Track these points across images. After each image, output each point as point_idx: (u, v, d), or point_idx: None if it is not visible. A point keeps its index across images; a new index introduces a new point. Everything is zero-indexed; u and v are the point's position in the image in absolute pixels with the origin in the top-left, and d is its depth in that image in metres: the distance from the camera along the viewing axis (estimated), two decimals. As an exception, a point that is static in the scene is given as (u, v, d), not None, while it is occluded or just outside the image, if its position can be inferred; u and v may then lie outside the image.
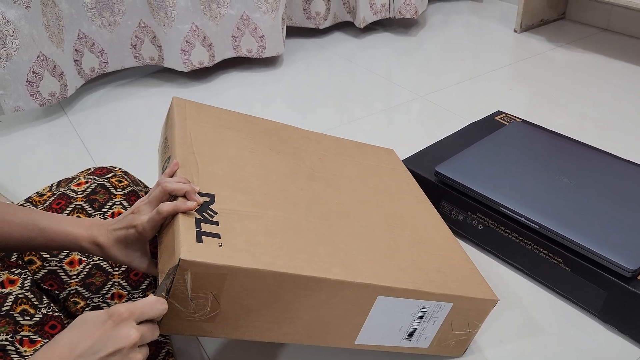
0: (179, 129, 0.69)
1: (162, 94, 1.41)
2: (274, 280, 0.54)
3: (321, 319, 0.59)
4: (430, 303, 0.63)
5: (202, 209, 0.56)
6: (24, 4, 1.14)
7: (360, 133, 1.21)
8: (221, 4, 1.39)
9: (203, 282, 0.51)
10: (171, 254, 0.51)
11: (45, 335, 0.53)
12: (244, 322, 0.55)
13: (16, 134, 1.27)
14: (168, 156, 0.67)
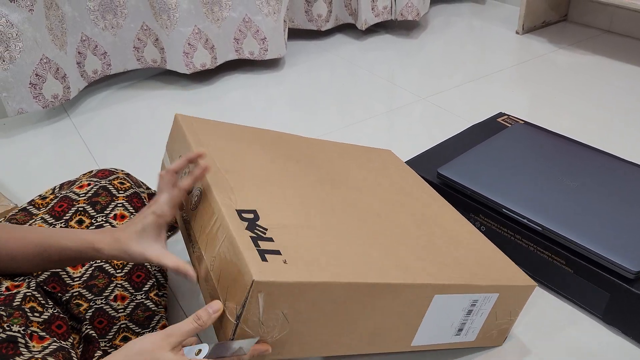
0: (196, 146, 0.66)
1: (165, 97, 1.42)
2: (343, 291, 0.53)
3: (381, 325, 0.59)
4: (479, 296, 0.64)
5: (252, 227, 0.55)
6: (27, 7, 1.15)
7: (362, 135, 1.21)
8: (223, 6, 1.40)
9: (275, 302, 0.49)
10: (236, 277, 0.49)
11: (52, 334, 0.53)
12: (310, 338, 0.54)
13: (19, 136, 1.27)
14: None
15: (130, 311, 0.68)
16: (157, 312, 0.70)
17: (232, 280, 0.50)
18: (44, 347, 0.50)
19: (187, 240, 0.62)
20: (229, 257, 0.51)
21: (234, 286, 0.49)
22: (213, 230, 0.55)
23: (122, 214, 0.72)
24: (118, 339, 0.65)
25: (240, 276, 0.49)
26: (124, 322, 0.67)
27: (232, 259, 0.51)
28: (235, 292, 0.49)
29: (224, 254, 0.52)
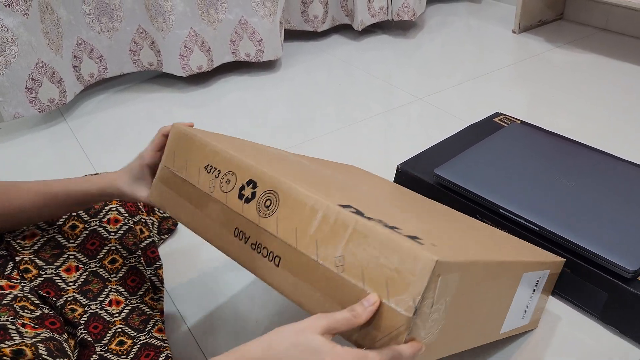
0: (225, 148, 0.61)
1: (161, 99, 1.42)
2: (485, 272, 0.52)
3: (490, 312, 0.57)
4: (540, 273, 0.66)
5: (369, 219, 0.51)
6: (22, 11, 1.15)
7: (360, 136, 1.21)
8: (219, 9, 1.39)
9: (446, 288, 0.46)
10: (398, 268, 0.45)
11: (46, 329, 0.53)
12: (452, 334, 0.51)
13: (16, 141, 1.27)
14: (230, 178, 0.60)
15: (126, 315, 0.68)
16: (152, 316, 0.70)
17: (392, 272, 0.45)
18: (37, 334, 0.49)
19: (251, 253, 0.55)
20: (371, 251, 0.46)
21: (397, 278, 0.45)
22: (324, 228, 0.50)
23: (116, 218, 0.72)
24: (114, 343, 0.65)
25: (405, 265, 0.44)
26: (120, 326, 0.66)
27: (379, 251, 0.46)
28: (401, 284, 0.44)
29: (359, 248, 0.47)
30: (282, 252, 0.52)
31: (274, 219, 0.54)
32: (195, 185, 0.60)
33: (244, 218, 0.56)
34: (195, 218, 0.60)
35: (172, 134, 0.64)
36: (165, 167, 0.64)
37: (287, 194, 0.54)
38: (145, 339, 0.66)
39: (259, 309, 0.79)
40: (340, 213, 0.50)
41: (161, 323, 0.70)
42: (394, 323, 0.44)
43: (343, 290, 0.47)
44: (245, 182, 0.57)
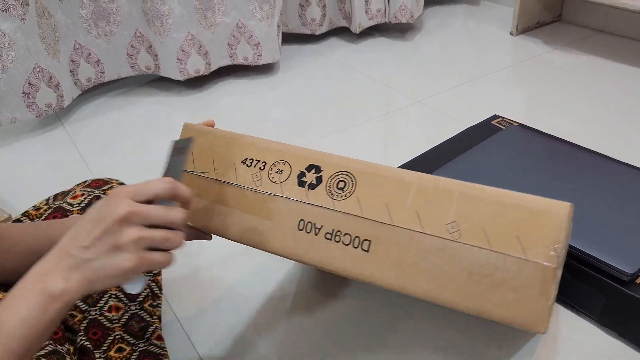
0: (259, 140, 0.57)
1: (159, 103, 1.41)
2: None
3: None
4: None
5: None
6: (19, 16, 1.15)
7: (358, 138, 1.21)
8: (216, 12, 1.39)
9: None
10: (530, 221, 0.43)
11: (49, 339, 0.52)
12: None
13: (13, 146, 1.27)
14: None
15: (125, 322, 0.68)
16: (151, 323, 0.70)
17: (521, 226, 0.43)
18: (41, 347, 0.49)
19: (326, 245, 0.49)
20: (490, 210, 0.44)
21: (530, 232, 0.43)
22: (422, 198, 0.46)
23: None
24: (113, 350, 0.65)
25: (537, 217, 0.43)
26: (119, 332, 0.66)
27: (498, 209, 0.44)
28: (536, 236, 0.43)
29: (473, 210, 0.45)
30: (373, 234, 0.47)
31: (353, 199, 0.49)
32: (231, 183, 0.54)
33: (311, 206, 0.50)
34: (236, 221, 0.53)
35: (187, 134, 0.58)
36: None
37: (362, 172, 0.49)
38: (144, 346, 0.66)
39: (258, 315, 0.79)
40: (440, 180, 0.47)
41: (160, 330, 0.70)
42: (537, 277, 0.42)
43: (463, 257, 0.44)
44: (304, 168, 0.52)
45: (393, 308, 0.78)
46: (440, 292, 0.45)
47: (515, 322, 0.43)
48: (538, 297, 0.42)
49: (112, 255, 0.41)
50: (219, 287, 0.84)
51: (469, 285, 0.44)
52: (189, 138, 0.53)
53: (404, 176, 0.48)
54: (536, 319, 0.42)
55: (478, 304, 0.44)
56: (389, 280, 0.46)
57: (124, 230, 0.41)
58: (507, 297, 0.43)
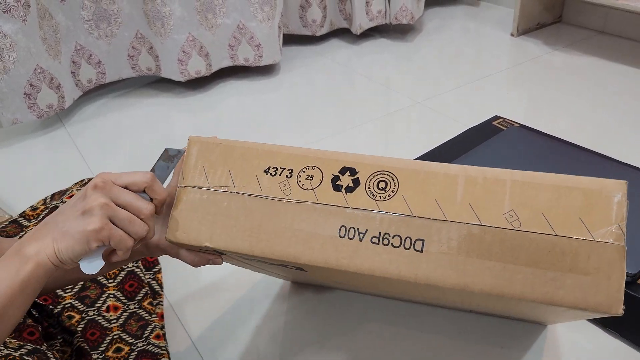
0: (279, 147, 0.53)
1: (160, 104, 1.42)
2: None
3: None
4: None
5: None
6: (20, 17, 1.15)
7: (359, 140, 1.21)
8: (217, 13, 1.40)
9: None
10: (588, 203, 0.43)
11: (24, 340, 0.52)
12: None
13: (14, 147, 1.27)
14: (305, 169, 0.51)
15: (123, 321, 0.68)
16: (150, 322, 0.70)
17: (581, 208, 0.42)
18: (20, 346, 0.49)
19: (374, 249, 0.46)
20: (546, 195, 0.44)
21: (591, 212, 0.42)
22: (473, 190, 0.45)
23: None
24: (111, 350, 0.64)
25: (594, 197, 0.42)
26: (117, 332, 0.66)
27: (554, 193, 0.43)
28: (599, 216, 0.42)
29: (529, 197, 0.44)
30: (425, 232, 0.45)
31: (398, 198, 0.46)
32: (256, 195, 0.49)
33: (352, 210, 0.47)
34: (264, 237, 0.49)
35: (195, 147, 0.53)
36: (192, 187, 0.52)
37: (403, 169, 0.47)
38: (142, 346, 0.66)
39: (259, 313, 0.79)
40: (486, 170, 0.46)
41: (159, 329, 0.70)
42: (607, 257, 0.41)
43: (527, 246, 0.43)
44: (337, 172, 0.49)
45: (395, 307, 0.78)
46: (507, 286, 0.43)
47: (590, 307, 0.42)
48: (611, 278, 0.41)
49: (80, 218, 0.43)
50: (220, 285, 0.84)
51: (538, 274, 0.42)
52: (181, 149, 0.53)
53: (448, 169, 0.46)
54: (612, 301, 0.41)
55: (550, 293, 0.42)
56: (449, 280, 0.44)
57: (94, 195, 0.44)
58: (579, 281, 0.42)
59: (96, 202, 0.43)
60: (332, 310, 0.78)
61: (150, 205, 0.46)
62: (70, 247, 0.42)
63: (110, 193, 0.44)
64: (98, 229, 0.42)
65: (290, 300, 0.81)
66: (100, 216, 0.43)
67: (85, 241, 0.42)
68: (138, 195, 0.46)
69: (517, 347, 0.72)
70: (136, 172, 0.47)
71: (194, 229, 0.50)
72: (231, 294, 0.82)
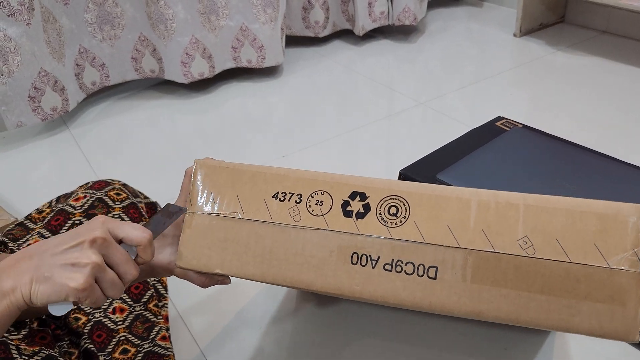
0: (287, 171, 0.51)
1: (163, 106, 1.42)
2: None
3: None
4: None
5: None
6: (24, 21, 1.15)
7: (362, 141, 1.21)
8: (220, 15, 1.40)
9: None
10: (604, 227, 0.43)
11: (39, 345, 0.52)
12: None
13: (19, 150, 1.27)
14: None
15: (129, 323, 0.68)
16: (156, 324, 0.70)
17: (596, 233, 0.42)
18: (34, 353, 0.49)
19: (387, 277, 0.46)
20: (560, 220, 0.43)
21: (606, 238, 0.42)
22: (486, 216, 0.44)
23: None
24: (117, 352, 0.65)
25: (609, 221, 0.42)
26: (123, 334, 0.66)
27: (568, 218, 0.43)
28: (614, 242, 0.41)
29: (542, 222, 0.43)
30: (439, 259, 0.44)
31: (410, 225, 0.46)
32: (266, 222, 0.49)
33: (364, 236, 0.46)
34: (276, 263, 0.48)
35: (201, 172, 0.52)
36: (200, 214, 0.51)
37: (413, 194, 0.46)
38: (149, 347, 0.66)
39: (264, 317, 0.79)
40: (498, 195, 0.45)
41: (165, 330, 0.70)
42: (623, 284, 0.41)
43: (541, 272, 0.42)
44: (346, 197, 0.48)
45: (400, 313, 0.78)
46: (522, 314, 0.43)
47: (606, 335, 0.41)
48: (627, 306, 0.41)
49: (67, 269, 0.41)
50: (224, 287, 0.84)
51: (552, 301, 0.42)
52: (184, 208, 0.52)
53: (461, 193, 0.46)
54: (628, 329, 0.41)
55: (565, 320, 0.42)
56: (463, 307, 0.43)
57: (89, 251, 0.42)
58: (595, 309, 0.41)
59: (89, 260, 0.42)
60: (338, 313, 0.79)
61: (135, 271, 0.45)
62: (47, 295, 0.41)
63: (105, 250, 0.43)
64: (80, 289, 0.41)
65: (296, 303, 0.81)
66: (88, 276, 0.41)
67: (64, 295, 0.41)
68: (129, 256, 0.45)
69: (519, 347, 0.72)
70: (136, 227, 0.45)
71: (204, 255, 0.50)
72: (236, 296, 0.83)
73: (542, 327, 0.43)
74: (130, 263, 0.45)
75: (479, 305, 0.43)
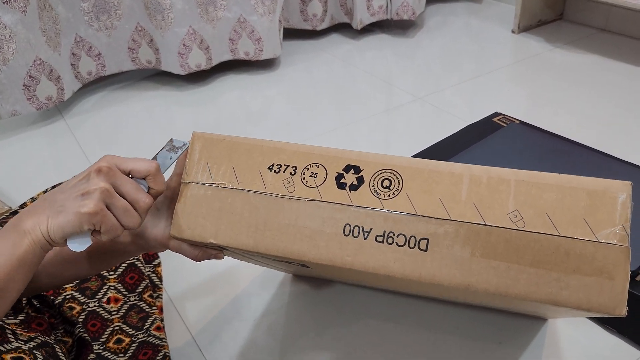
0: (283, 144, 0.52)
1: (160, 98, 1.41)
2: None
3: None
4: None
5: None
6: (20, 8, 1.14)
7: (359, 135, 1.21)
8: (218, 7, 1.39)
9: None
10: (593, 202, 0.43)
11: (35, 331, 0.52)
12: None
13: (13, 139, 1.26)
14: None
15: (124, 313, 0.68)
16: (151, 314, 0.70)
17: (586, 208, 0.42)
18: (30, 338, 0.49)
19: (378, 248, 0.46)
20: (550, 195, 0.43)
21: (595, 213, 0.42)
22: (477, 190, 0.45)
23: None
24: (112, 341, 0.65)
25: (599, 197, 0.42)
26: (118, 324, 0.66)
27: (559, 193, 0.43)
28: (603, 217, 0.42)
29: (533, 197, 0.44)
30: (430, 231, 0.45)
31: (402, 197, 0.46)
32: (260, 192, 0.49)
33: (356, 208, 0.47)
34: (269, 234, 0.49)
35: (199, 143, 0.53)
36: (196, 183, 0.51)
37: (407, 168, 0.47)
38: (143, 337, 0.66)
39: (258, 306, 0.79)
40: (490, 170, 0.46)
41: (160, 321, 0.70)
42: (611, 258, 0.41)
43: (531, 246, 0.43)
44: (341, 169, 0.49)
45: (393, 302, 0.78)
46: (511, 286, 0.43)
47: (594, 308, 0.42)
48: (615, 279, 0.41)
49: (77, 199, 0.43)
50: (219, 278, 0.84)
51: (542, 274, 0.43)
52: (186, 142, 0.53)
53: (453, 168, 0.46)
54: (615, 303, 0.41)
55: (553, 294, 0.42)
56: (453, 279, 0.44)
57: (96, 179, 0.44)
58: (583, 282, 0.42)
59: (97, 186, 0.43)
60: (331, 304, 0.79)
61: (148, 199, 0.46)
62: (62, 226, 0.42)
63: (112, 179, 0.44)
64: (92, 213, 0.42)
65: (289, 293, 0.81)
66: (97, 200, 0.43)
67: (78, 222, 0.42)
68: (139, 185, 0.46)
69: (515, 343, 0.72)
70: (141, 159, 0.47)
71: (199, 225, 0.50)
72: (230, 287, 0.82)
73: (531, 300, 0.43)
74: (141, 191, 0.46)
75: (469, 278, 0.44)
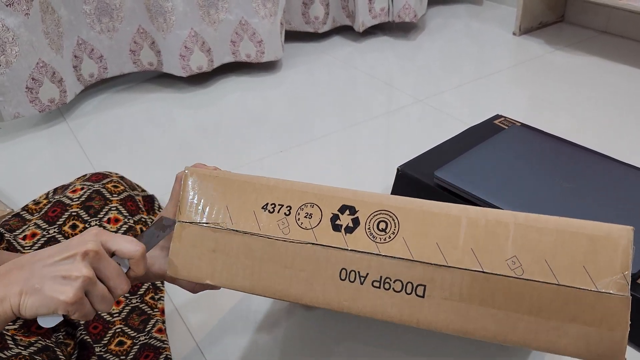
0: (276, 182, 0.51)
1: (161, 100, 1.42)
2: None
3: None
4: None
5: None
6: (23, 11, 1.15)
7: (360, 137, 1.21)
8: (220, 9, 1.40)
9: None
10: (594, 248, 0.42)
11: (35, 335, 0.52)
12: None
13: (16, 141, 1.27)
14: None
15: (126, 315, 0.68)
16: (152, 316, 0.70)
17: (585, 254, 0.41)
18: (30, 343, 0.49)
19: (375, 293, 0.46)
20: (549, 240, 0.42)
21: (595, 260, 0.41)
22: (475, 233, 0.44)
23: (116, 217, 0.72)
24: (113, 344, 0.65)
25: (600, 243, 0.41)
26: (119, 326, 0.66)
27: (558, 238, 0.42)
28: (603, 264, 0.41)
29: (532, 242, 0.43)
30: (427, 277, 0.44)
31: (399, 241, 0.45)
32: (255, 234, 0.49)
33: (352, 252, 0.46)
34: (265, 276, 0.48)
35: (192, 180, 0.52)
36: (189, 223, 0.51)
37: (403, 209, 0.46)
38: (145, 340, 0.66)
39: (259, 310, 0.79)
40: (488, 212, 0.44)
41: (161, 323, 0.70)
42: (611, 308, 0.41)
43: (530, 294, 0.42)
44: (336, 210, 0.47)
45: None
46: (509, 333, 0.43)
47: (593, 357, 0.41)
48: (614, 329, 0.41)
49: (57, 281, 0.41)
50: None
51: (540, 323, 0.42)
52: (176, 221, 0.52)
53: (449, 210, 0.46)
54: (614, 353, 0.41)
55: (552, 342, 0.42)
56: (451, 325, 0.44)
57: (80, 264, 0.41)
58: (582, 331, 0.41)
59: (80, 273, 0.41)
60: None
61: (126, 285, 0.44)
62: (36, 307, 0.40)
63: (97, 264, 0.42)
64: (70, 303, 0.40)
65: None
66: (77, 290, 0.40)
67: (53, 307, 0.40)
68: (120, 270, 0.44)
69: (517, 351, 0.72)
70: (129, 239, 0.45)
71: (194, 266, 0.50)
72: (232, 291, 0.82)
73: (530, 348, 0.43)
74: (122, 277, 0.44)
75: (467, 324, 0.43)
